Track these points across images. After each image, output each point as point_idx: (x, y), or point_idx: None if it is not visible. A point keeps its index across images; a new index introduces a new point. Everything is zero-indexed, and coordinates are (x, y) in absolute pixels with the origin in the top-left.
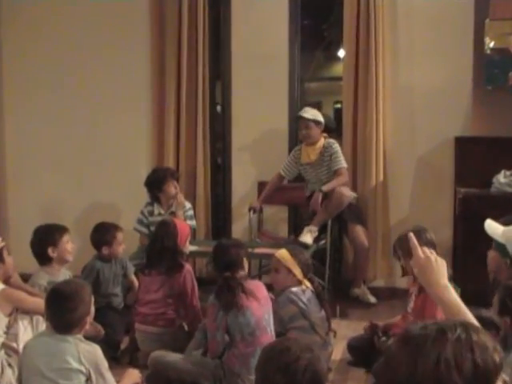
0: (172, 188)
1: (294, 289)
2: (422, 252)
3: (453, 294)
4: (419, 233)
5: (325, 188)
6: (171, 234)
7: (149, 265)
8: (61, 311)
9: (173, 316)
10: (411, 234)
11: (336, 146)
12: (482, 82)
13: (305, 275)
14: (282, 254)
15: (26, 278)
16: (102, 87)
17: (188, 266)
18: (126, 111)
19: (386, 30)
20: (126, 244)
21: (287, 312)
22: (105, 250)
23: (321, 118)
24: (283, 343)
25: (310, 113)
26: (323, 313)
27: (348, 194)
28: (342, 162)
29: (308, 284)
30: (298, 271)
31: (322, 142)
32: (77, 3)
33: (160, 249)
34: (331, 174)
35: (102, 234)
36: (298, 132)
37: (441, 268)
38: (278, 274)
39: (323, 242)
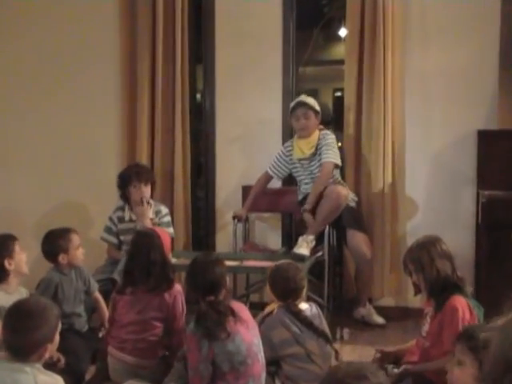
0: (134, 191)
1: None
2: None
3: None
4: (432, 243)
5: (307, 206)
6: (157, 246)
7: (130, 282)
8: (20, 330)
9: (155, 343)
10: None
11: (330, 137)
12: (511, 64)
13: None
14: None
15: None
16: (63, 72)
17: (178, 286)
18: (92, 101)
19: (396, 5)
20: (94, 256)
21: (277, 335)
22: (62, 259)
23: (319, 108)
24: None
25: (310, 100)
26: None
27: (345, 193)
28: (330, 156)
29: (300, 307)
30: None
31: (316, 134)
32: None
33: (146, 264)
34: None
35: (54, 241)
36: (292, 120)
37: None
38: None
39: (320, 253)
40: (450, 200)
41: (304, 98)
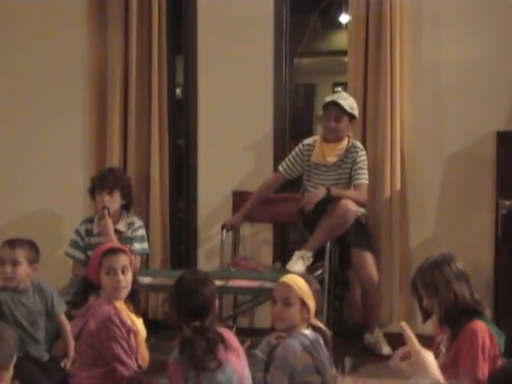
0: (98, 199)
1: (307, 331)
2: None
3: None
4: (446, 263)
5: (334, 190)
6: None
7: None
8: None
9: (102, 370)
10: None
11: (363, 153)
12: None
13: (317, 312)
14: (297, 280)
15: None
16: (25, 67)
17: (106, 311)
18: (56, 97)
19: None
20: (61, 274)
21: (301, 361)
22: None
23: (357, 113)
24: None
25: (348, 102)
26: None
27: (354, 208)
28: (366, 178)
29: (320, 324)
30: (313, 306)
31: (345, 141)
32: None
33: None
34: (343, 186)
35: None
36: (321, 119)
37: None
38: (289, 308)
39: (320, 272)
40: (466, 211)
41: (342, 97)
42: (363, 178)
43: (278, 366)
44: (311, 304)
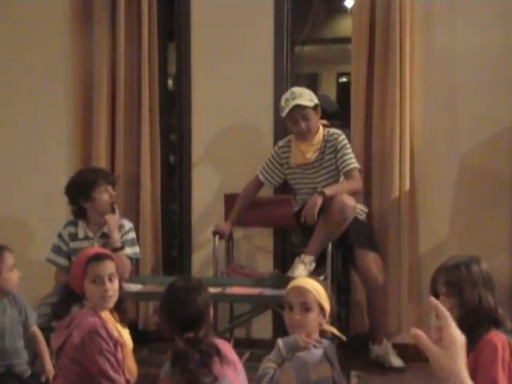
0: (105, 195)
1: (325, 340)
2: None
3: None
4: (476, 263)
5: (328, 191)
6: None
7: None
8: None
9: None
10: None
11: (343, 138)
12: None
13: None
14: (312, 283)
15: None
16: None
17: (92, 322)
18: (37, 92)
19: None
20: (40, 282)
21: (318, 373)
22: None
23: (317, 100)
24: None
25: (305, 96)
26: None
27: (352, 203)
28: (355, 161)
29: (333, 329)
30: (329, 309)
31: (320, 133)
32: None
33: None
34: (332, 180)
35: None
36: (288, 125)
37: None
38: (309, 314)
39: (322, 277)
40: (482, 212)
41: (297, 95)
42: (351, 162)
43: (293, 366)
44: (328, 307)
